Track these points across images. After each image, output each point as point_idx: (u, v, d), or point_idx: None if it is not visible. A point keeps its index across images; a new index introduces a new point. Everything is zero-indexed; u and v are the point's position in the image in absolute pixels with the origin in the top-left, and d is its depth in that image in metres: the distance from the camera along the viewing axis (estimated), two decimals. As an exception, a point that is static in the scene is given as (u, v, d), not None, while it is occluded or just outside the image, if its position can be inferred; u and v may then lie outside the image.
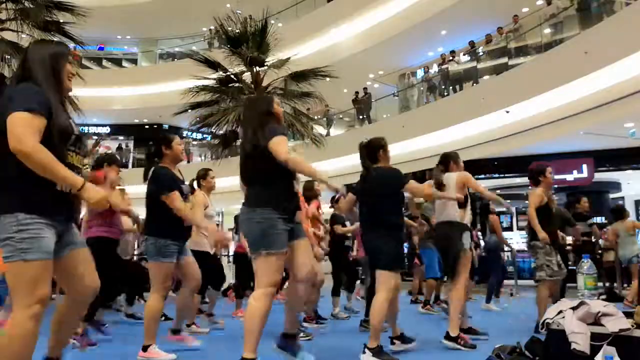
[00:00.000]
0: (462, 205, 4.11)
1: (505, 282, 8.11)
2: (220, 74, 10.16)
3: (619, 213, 7.71)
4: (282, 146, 2.78)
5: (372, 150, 3.85)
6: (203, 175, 5.05)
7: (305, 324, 4.99)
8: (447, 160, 4.39)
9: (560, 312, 2.86)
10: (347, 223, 5.94)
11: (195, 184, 4.88)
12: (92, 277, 2.24)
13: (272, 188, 2.86)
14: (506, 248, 8.41)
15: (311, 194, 5.25)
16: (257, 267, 2.84)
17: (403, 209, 3.93)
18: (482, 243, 7.41)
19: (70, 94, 8.95)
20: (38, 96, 2.00)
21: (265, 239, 2.79)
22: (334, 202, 6.11)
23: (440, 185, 4.01)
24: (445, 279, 6.79)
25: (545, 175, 4.81)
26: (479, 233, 7.82)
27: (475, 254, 6.88)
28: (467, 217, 4.19)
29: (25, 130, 1.91)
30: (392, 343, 3.88)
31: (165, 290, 3.58)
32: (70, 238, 2.19)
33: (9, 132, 1.92)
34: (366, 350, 3.46)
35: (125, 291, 5.72)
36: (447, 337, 3.97)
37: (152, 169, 3.69)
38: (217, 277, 5.19)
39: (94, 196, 2.05)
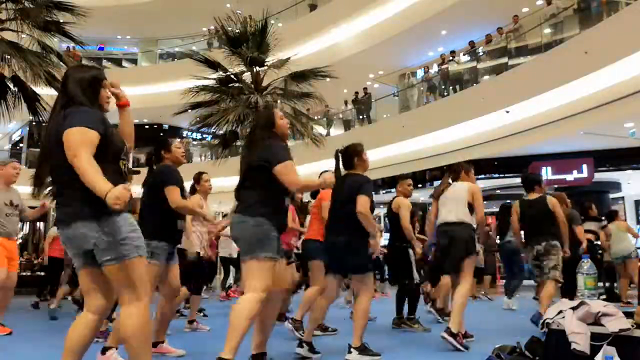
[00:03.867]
0: (471, 210, 4.28)
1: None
2: (220, 74, 10.16)
3: (611, 215, 8.12)
4: (290, 173, 2.83)
5: (349, 157, 3.84)
6: (197, 178, 4.97)
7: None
8: (459, 170, 4.45)
9: (560, 312, 2.86)
10: None
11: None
12: None
13: (268, 199, 2.87)
14: None
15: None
16: (250, 271, 2.79)
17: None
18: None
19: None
20: (94, 116, 2.22)
21: (260, 242, 2.79)
22: None
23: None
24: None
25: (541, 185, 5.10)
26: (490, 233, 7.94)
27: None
28: (474, 221, 4.33)
29: (79, 143, 2.08)
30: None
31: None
32: None
33: (66, 146, 2.08)
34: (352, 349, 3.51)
35: None
36: (449, 331, 3.96)
37: (156, 167, 3.70)
38: (197, 281, 5.14)
39: (112, 195, 1.98)
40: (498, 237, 7.92)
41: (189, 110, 10.51)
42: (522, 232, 5.11)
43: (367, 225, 3.50)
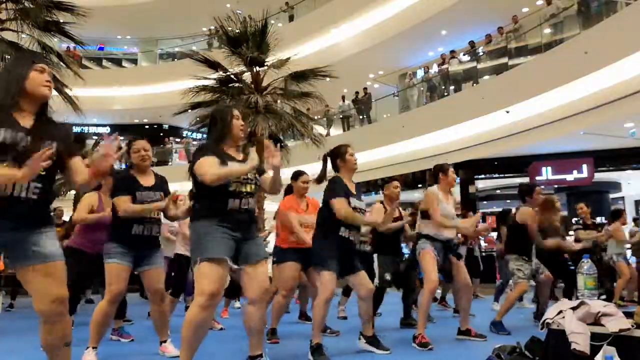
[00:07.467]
0: (426, 216, 4.26)
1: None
2: (220, 74, 10.17)
3: (616, 215, 7.87)
4: (201, 168, 2.73)
5: (333, 160, 3.83)
6: None
7: None
8: (436, 172, 4.41)
9: (560, 312, 2.85)
10: None
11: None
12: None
13: (208, 203, 2.81)
14: None
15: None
16: (195, 275, 2.73)
17: None
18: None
19: (70, 93, 8.96)
20: None
21: (196, 246, 2.75)
22: None
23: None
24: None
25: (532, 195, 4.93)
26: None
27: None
28: (426, 228, 4.26)
29: None
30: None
31: (110, 294, 3.45)
32: None
33: None
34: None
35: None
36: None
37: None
38: (176, 283, 5.13)
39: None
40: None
41: (189, 110, 10.52)
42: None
43: (355, 222, 3.60)
